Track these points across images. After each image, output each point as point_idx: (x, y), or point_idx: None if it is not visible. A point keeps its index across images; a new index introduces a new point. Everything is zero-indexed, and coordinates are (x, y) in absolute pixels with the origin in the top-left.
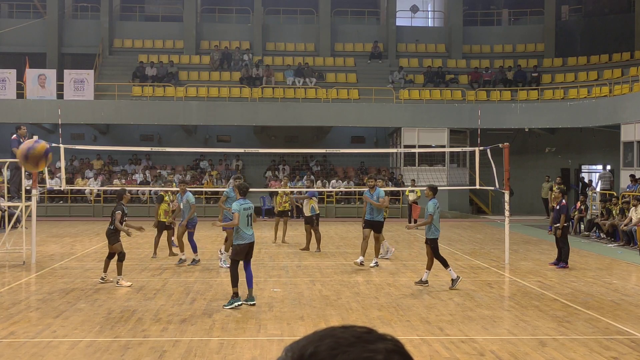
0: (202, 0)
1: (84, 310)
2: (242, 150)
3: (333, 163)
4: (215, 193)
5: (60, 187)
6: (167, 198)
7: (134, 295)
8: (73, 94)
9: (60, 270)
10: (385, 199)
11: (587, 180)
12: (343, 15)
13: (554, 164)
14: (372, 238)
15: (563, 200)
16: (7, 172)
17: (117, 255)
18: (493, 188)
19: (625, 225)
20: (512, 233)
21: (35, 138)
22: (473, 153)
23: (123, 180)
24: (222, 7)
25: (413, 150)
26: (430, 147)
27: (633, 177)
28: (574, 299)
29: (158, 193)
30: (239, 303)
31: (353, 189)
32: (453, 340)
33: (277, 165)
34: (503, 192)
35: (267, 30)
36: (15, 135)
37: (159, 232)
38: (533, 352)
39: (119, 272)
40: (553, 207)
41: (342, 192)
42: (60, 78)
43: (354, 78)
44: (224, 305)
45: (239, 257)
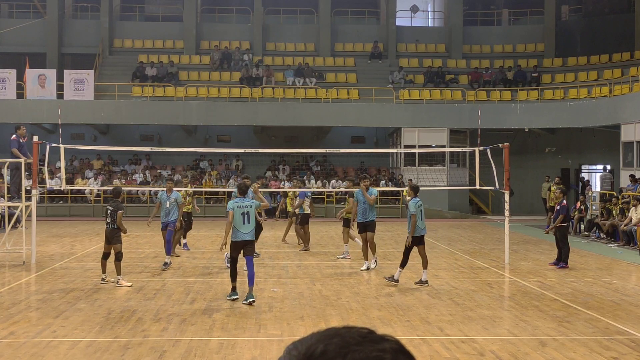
0: (202, 0)
1: (84, 310)
2: (242, 150)
3: (333, 163)
4: (215, 193)
5: (60, 187)
6: (182, 194)
7: (134, 295)
8: (73, 94)
9: (60, 270)
10: (374, 199)
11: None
12: (343, 15)
13: (554, 164)
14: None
15: (564, 201)
16: (7, 172)
17: (115, 255)
18: (493, 188)
19: (625, 225)
20: (512, 233)
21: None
22: (473, 153)
23: (123, 180)
24: (222, 7)
25: (413, 150)
26: (430, 147)
27: (633, 177)
28: (574, 299)
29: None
30: (235, 297)
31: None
32: (453, 340)
33: (277, 166)
34: (503, 192)
35: (267, 30)
36: (15, 136)
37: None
38: (533, 352)
39: (118, 272)
40: (550, 207)
41: (342, 192)
42: (60, 78)
43: (354, 78)
44: (226, 296)
45: (233, 253)
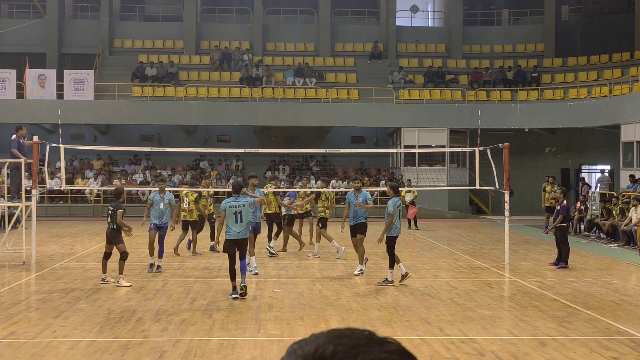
0: (202, 0)
1: (84, 310)
2: (242, 150)
3: (333, 163)
4: (215, 193)
5: (60, 187)
6: (204, 195)
7: (134, 295)
8: (73, 94)
9: (60, 270)
10: (371, 204)
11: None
12: (343, 15)
13: (554, 164)
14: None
15: (564, 201)
16: (7, 172)
17: (120, 255)
18: (493, 188)
19: (625, 226)
20: (512, 233)
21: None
22: (473, 153)
23: (123, 180)
24: (222, 7)
25: (413, 151)
26: (430, 147)
27: (632, 177)
28: (574, 299)
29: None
30: (236, 296)
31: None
32: (453, 340)
33: (277, 166)
34: (503, 192)
35: (267, 30)
36: (15, 136)
37: (184, 230)
38: (533, 352)
39: (120, 271)
40: (546, 207)
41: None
42: (60, 78)
43: (354, 78)
44: (229, 295)
45: (227, 251)
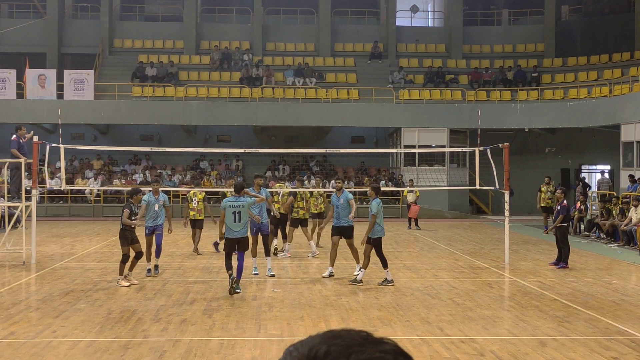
0: (202, 0)
1: (84, 310)
2: (242, 150)
3: (333, 163)
4: (215, 193)
5: (60, 187)
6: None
7: (134, 295)
8: (73, 94)
9: (60, 270)
10: (353, 203)
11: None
12: (343, 15)
13: (554, 164)
14: (345, 246)
15: (564, 201)
16: (7, 172)
17: (122, 256)
18: (493, 188)
19: (625, 226)
20: (512, 233)
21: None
22: (473, 153)
23: (123, 180)
24: (222, 7)
25: (413, 150)
26: (430, 147)
27: (632, 177)
28: (574, 299)
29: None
30: (233, 277)
31: (353, 189)
32: (453, 340)
33: (277, 166)
34: (503, 192)
35: (267, 30)
36: (15, 136)
37: (194, 229)
38: (533, 352)
39: (121, 272)
40: (542, 207)
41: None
42: (60, 78)
43: (354, 78)
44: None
45: (226, 249)
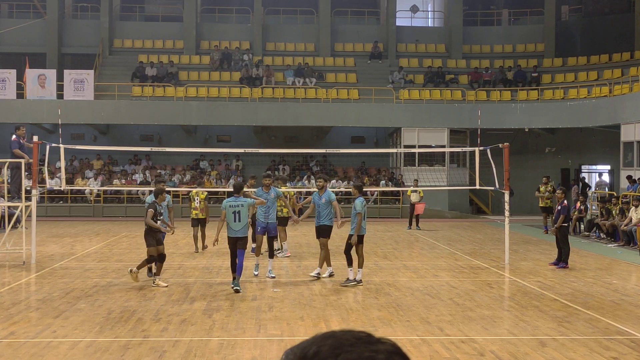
0: (202, 0)
1: (84, 310)
2: (242, 150)
3: (333, 163)
4: (215, 193)
5: (60, 187)
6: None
7: (134, 295)
8: (73, 94)
9: (60, 270)
10: (336, 205)
11: (586, 181)
12: (343, 15)
13: (554, 164)
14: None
15: (564, 201)
16: (7, 172)
17: (148, 257)
18: (493, 188)
19: (625, 226)
20: (512, 233)
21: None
22: (473, 153)
23: (123, 180)
24: (222, 7)
25: (413, 150)
26: (430, 147)
27: (630, 177)
28: (574, 299)
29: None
30: (236, 288)
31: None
32: (453, 340)
33: (277, 165)
34: (503, 192)
35: (267, 30)
36: (15, 136)
37: (195, 227)
38: (533, 352)
39: (140, 266)
40: (541, 207)
41: (342, 192)
42: (60, 78)
43: (354, 78)
44: (231, 285)
45: (230, 247)
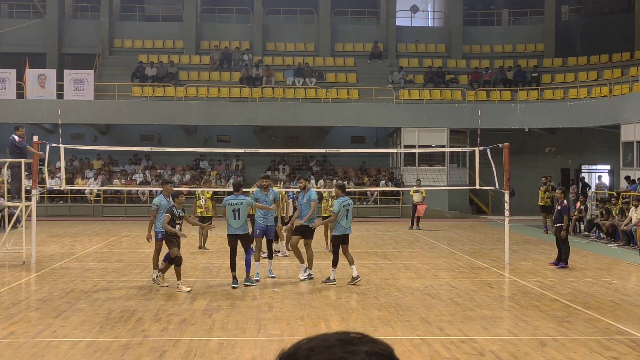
0: (202, 0)
1: (84, 310)
2: (242, 150)
3: (333, 163)
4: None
5: (60, 187)
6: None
7: (134, 295)
8: (73, 94)
9: (60, 270)
10: (313, 205)
11: (586, 181)
12: (343, 15)
13: (554, 164)
14: (302, 246)
15: (564, 201)
16: (7, 172)
17: (176, 259)
18: (493, 188)
19: (625, 225)
20: (512, 233)
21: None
22: (473, 153)
23: (123, 180)
24: (222, 7)
25: (413, 150)
26: (430, 147)
27: (628, 178)
28: (574, 299)
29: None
30: (235, 285)
31: (353, 189)
32: (453, 340)
33: (277, 165)
34: (503, 192)
35: (267, 30)
36: (18, 137)
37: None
38: (533, 352)
39: (179, 276)
40: (541, 206)
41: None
42: (60, 78)
43: (354, 78)
44: (231, 284)
45: (230, 245)
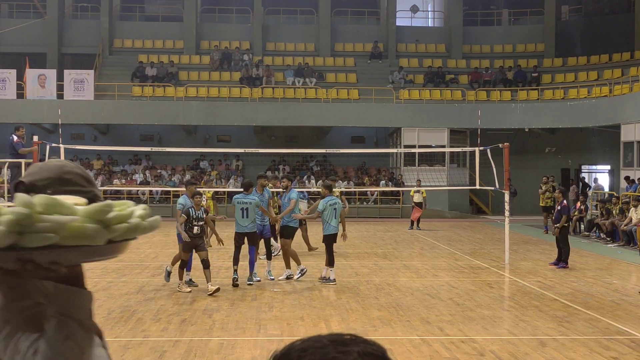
0: (202, 0)
1: None
2: (242, 150)
3: (333, 163)
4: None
5: None
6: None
7: (134, 295)
8: (73, 94)
9: None
10: (292, 203)
11: (586, 181)
12: (343, 15)
13: (554, 164)
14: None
15: (564, 201)
16: (7, 172)
17: (180, 262)
18: (493, 188)
19: (625, 226)
20: (512, 233)
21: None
22: (473, 153)
23: (123, 180)
24: (222, 7)
25: (413, 150)
26: (430, 147)
27: (628, 178)
28: (574, 299)
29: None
30: (235, 277)
31: (353, 189)
32: (453, 340)
33: (277, 165)
34: (503, 192)
35: (267, 30)
36: (17, 138)
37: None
38: (533, 352)
39: (181, 277)
40: (542, 206)
41: (342, 192)
42: (60, 78)
43: (354, 78)
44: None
45: (236, 242)
